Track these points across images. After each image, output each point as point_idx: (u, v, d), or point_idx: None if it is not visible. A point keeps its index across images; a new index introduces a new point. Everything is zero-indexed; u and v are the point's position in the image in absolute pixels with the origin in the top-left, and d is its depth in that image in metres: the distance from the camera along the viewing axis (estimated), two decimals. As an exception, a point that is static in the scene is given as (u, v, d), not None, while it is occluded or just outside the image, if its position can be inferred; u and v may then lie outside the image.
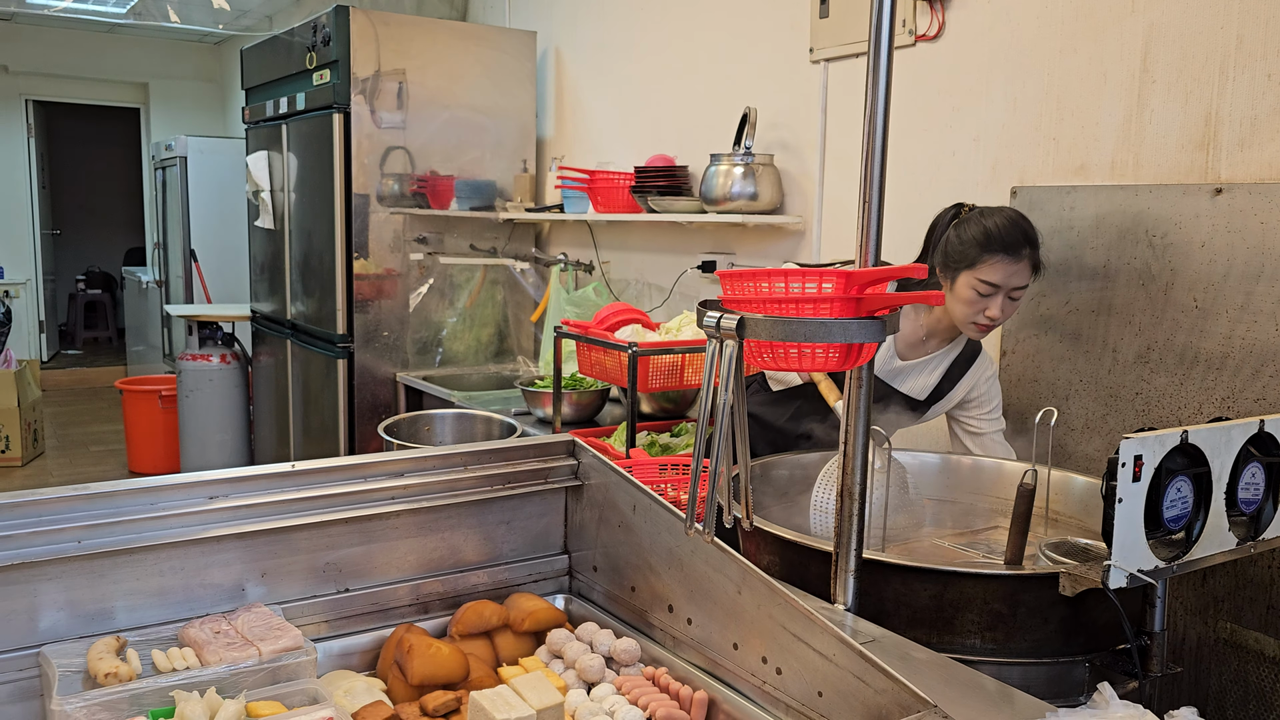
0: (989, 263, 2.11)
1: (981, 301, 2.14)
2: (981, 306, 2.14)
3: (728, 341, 1.25)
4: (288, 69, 4.52)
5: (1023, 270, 2.13)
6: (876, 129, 1.39)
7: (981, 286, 2.12)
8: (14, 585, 1.27)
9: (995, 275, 2.11)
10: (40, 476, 6.39)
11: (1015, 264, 2.11)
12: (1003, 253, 2.10)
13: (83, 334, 11.19)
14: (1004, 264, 2.10)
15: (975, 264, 2.12)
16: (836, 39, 2.97)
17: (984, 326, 2.19)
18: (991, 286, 2.12)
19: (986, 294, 2.12)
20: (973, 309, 2.16)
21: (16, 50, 8.81)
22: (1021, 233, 2.12)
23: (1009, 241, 2.10)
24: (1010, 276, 2.11)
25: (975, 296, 2.14)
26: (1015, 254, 2.10)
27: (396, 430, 2.42)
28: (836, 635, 1.19)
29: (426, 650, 1.35)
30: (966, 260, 2.13)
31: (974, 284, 2.12)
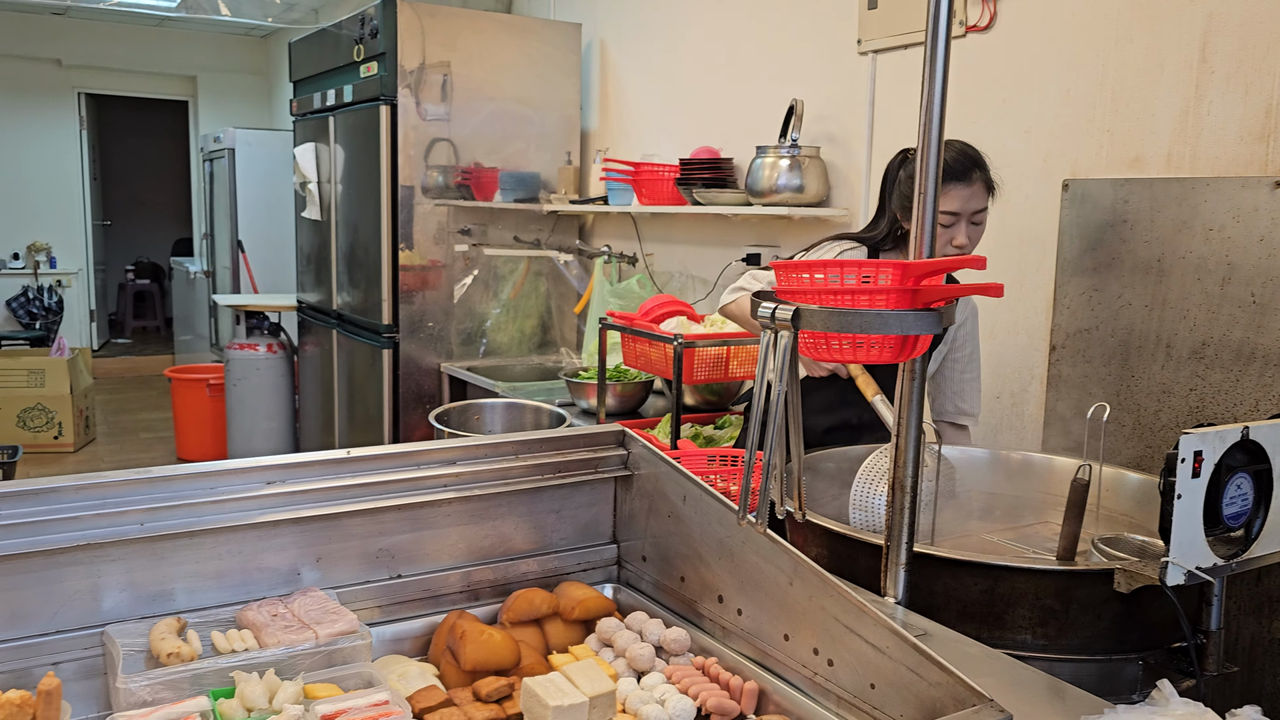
0: (945, 193, 2.18)
1: (946, 232, 2.21)
2: (947, 237, 2.22)
3: (782, 332, 1.25)
4: (335, 61, 4.56)
5: (978, 193, 2.21)
6: (933, 120, 1.37)
7: (943, 217, 2.19)
8: (79, 566, 1.30)
9: (953, 204, 2.18)
10: (92, 463, 6.52)
11: (969, 188, 2.19)
12: (955, 180, 2.18)
13: (132, 323, 11.40)
14: (959, 191, 2.18)
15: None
16: (885, 30, 2.95)
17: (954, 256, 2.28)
18: (952, 215, 2.19)
19: (949, 224, 2.20)
20: (940, 241, 2.21)
21: (69, 44, 8.99)
22: (970, 159, 2.21)
23: (959, 169, 2.19)
24: (968, 201, 2.19)
25: (939, 229, 2.19)
26: (967, 179, 2.18)
27: (447, 419, 2.44)
28: (890, 627, 1.19)
29: (479, 636, 1.37)
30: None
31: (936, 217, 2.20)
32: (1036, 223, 2.54)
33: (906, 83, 2.90)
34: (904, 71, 2.91)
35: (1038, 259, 2.53)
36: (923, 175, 1.40)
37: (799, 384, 1.29)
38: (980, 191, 2.20)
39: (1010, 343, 2.63)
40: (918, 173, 1.41)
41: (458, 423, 2.47)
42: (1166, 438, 2.24)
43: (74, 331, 9.41)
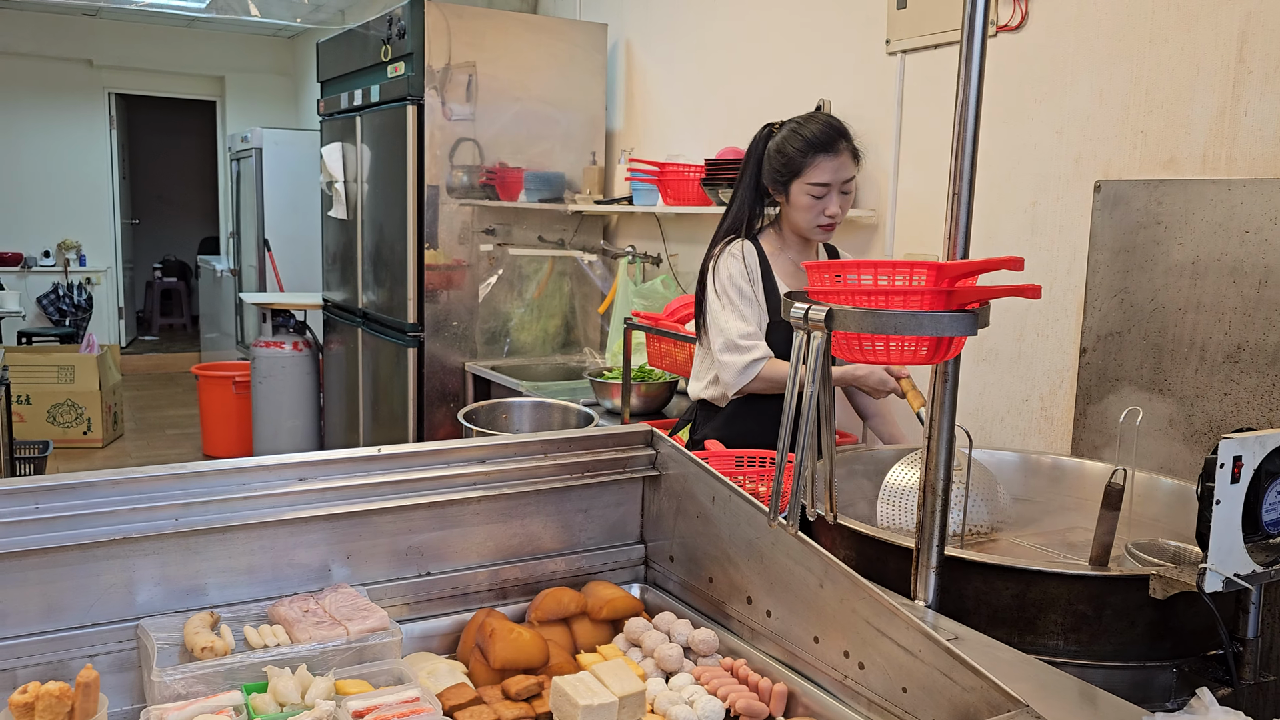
0: (813, 165, 2.30)
1: (819, 204, 2.33)
2: (820, 208, 2.34)
3: (815, 333, 1.25)
4: (363, 62, 4.59)
5: (845, 162, 2.33)
6: (968, 121, 1.36)
7: (815, 189, 2.32)
8: (115, 559, 1.31)
9: (824, 175, 2.31)
10: (120, 458, 6.59)
11: (837, 158, 2.31)
12: (823, 152, 2.30)
13: (159, 320, 11.51)
14: (827, 161, 2.30)
15: (802, 170, 2.31)
16: (914, 30, 2.93)
17: (827, 226, 2.38)
18: (823, 186, 2.32)
19: (821, 195, 2.32)
20: (812, 212, 2.35)
21: (99, 44, 9.09)
22: (835, 130, 2.33)
23: (825, 140, 2.31)
24: (837, 171, 2.32)
25: (811, 201, 2.34)
26: (834, 149, 2.31)
27: (475, 418, 2.45)
28: (923, 631, 1.18)
29: (508, 635, 1.37)
30: (793, 170, 2.33)
31: (807, 189, 2.33)
32: (1068, 224, 2.51)
33: (935, 83, 2.89)
34: (933, 72, 2.90)
35: (1069, 261, 2.51)
36: (957, 176, 1.39)
37: (832, 385, 1.28)
38: (848, 161, 2.33)
39: (1039, 345, 2.61)
40: (951, 174, 1.40)
41: (485, 421, 2.48)
42: (1200, 442, 2.21)
43: (102, 328, 9.51)
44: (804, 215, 2.35)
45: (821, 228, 2.36)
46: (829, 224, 2.36)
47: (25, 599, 1.27)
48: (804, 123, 2.34)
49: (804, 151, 2.30)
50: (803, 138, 2.31)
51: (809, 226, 2.36)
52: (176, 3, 7.23)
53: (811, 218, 2.35)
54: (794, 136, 2.33)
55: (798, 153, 2.31)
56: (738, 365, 2.34)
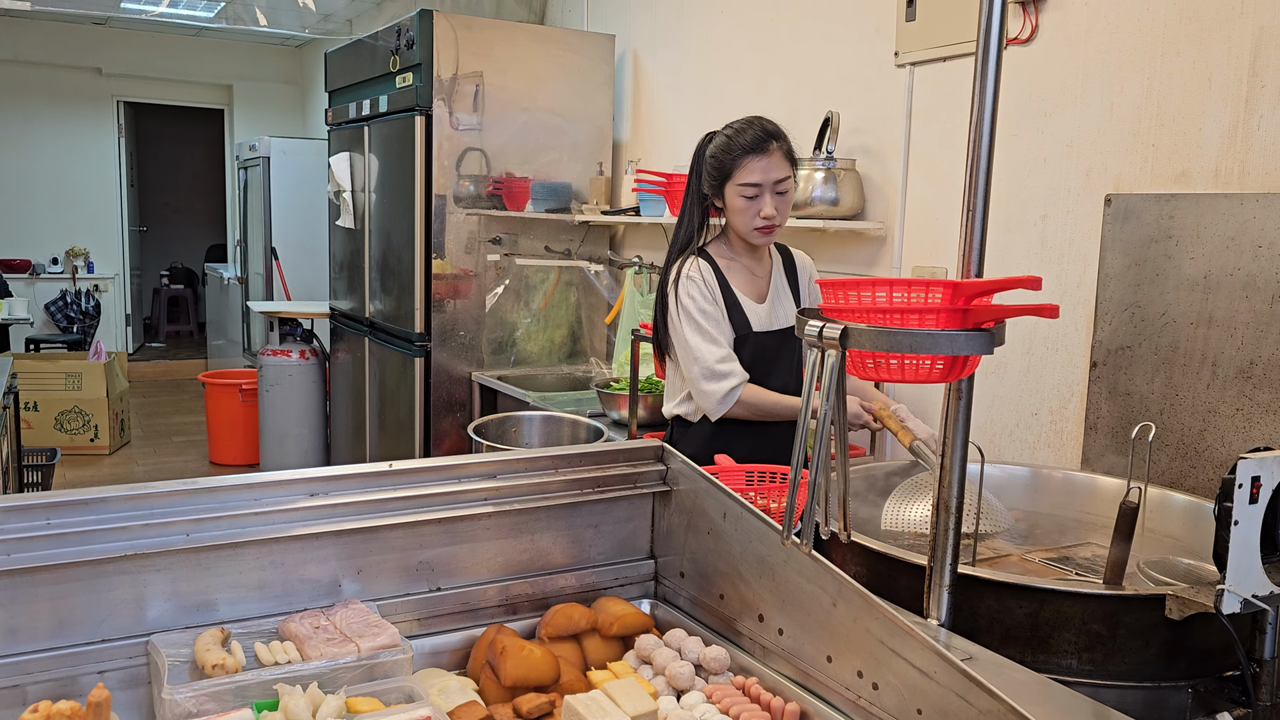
0: (743, 165, 2.27)
1: (752, 205, 2.29)
2: (755, 209, 2.29)
3: (829, 351, 1.24)
4: (371, 72, 4.60)
5: (777, 163, 2.28)
6: (983, 135, 1.36)
7: (747, 190, 2.28)
8: (125, 575, 1.31)
9: (753, 175, 2.27)
10: (126, 465, 6.59)
11: (766, 158, 2.27)
12: (751, 153, 2.26)
13: (166, 327, 11.53)
14: (756, 162, 2.26)
15: (732, 172, 2.28)
16: (923, 42, 2.93)
17: (765, 229, 2.32)
18: (754, 187, 2.27)
19: (753, 195, 2.28)
20: (748, 214, 2.30)
21: (109, 53, 9.12)
22: (765, 131, 2.29)
23: (753, 143, 2.27)
24: (767, 171, 2.27)
25: (745, 202, 2.29)
26: (763, 150, 2.26)
27: (484, 431, 2.44)
28: (937, 651, 1.17)
29: (519, 652, 1.36)
30: (724, 172, 2.30)
31: (739, 190, 2.29)
32: (1078, 238, 2.51)
33: (944, 95, 2.88)
34: (942, 84, 2.89)
35: (1078, 274, 2.50)
36: (972, 191, 1.38)
37: (846, 403, 1.28)
38: (780, 161, 2.28)
39: (1049, 359, 2.60)
40: (965, 189, 1.39)
41: (495, 435, 2.47)
42: (1211, 458, 2.20)
43: (110, 335, 9.53)
44: (740, 218, 2.31)
45: (759, 230, 2.31)
46: (766, 226, 2.30)
47: (36, 614, 1.27)
48: (738, 127, 2.31)
49: (732, 153, 2.27)
50: (730, 140, 2.29)
51: (746, 229, 2.32)
52: (186, 12, 7.26)
53: (748, 220, 2.30)
54: (724, 140, 2.31)
55: (726, 155, 2.29)
56: (718, 394, 2.29)
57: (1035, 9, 2.58)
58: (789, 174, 2.31)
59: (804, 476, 1.27)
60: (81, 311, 9.30)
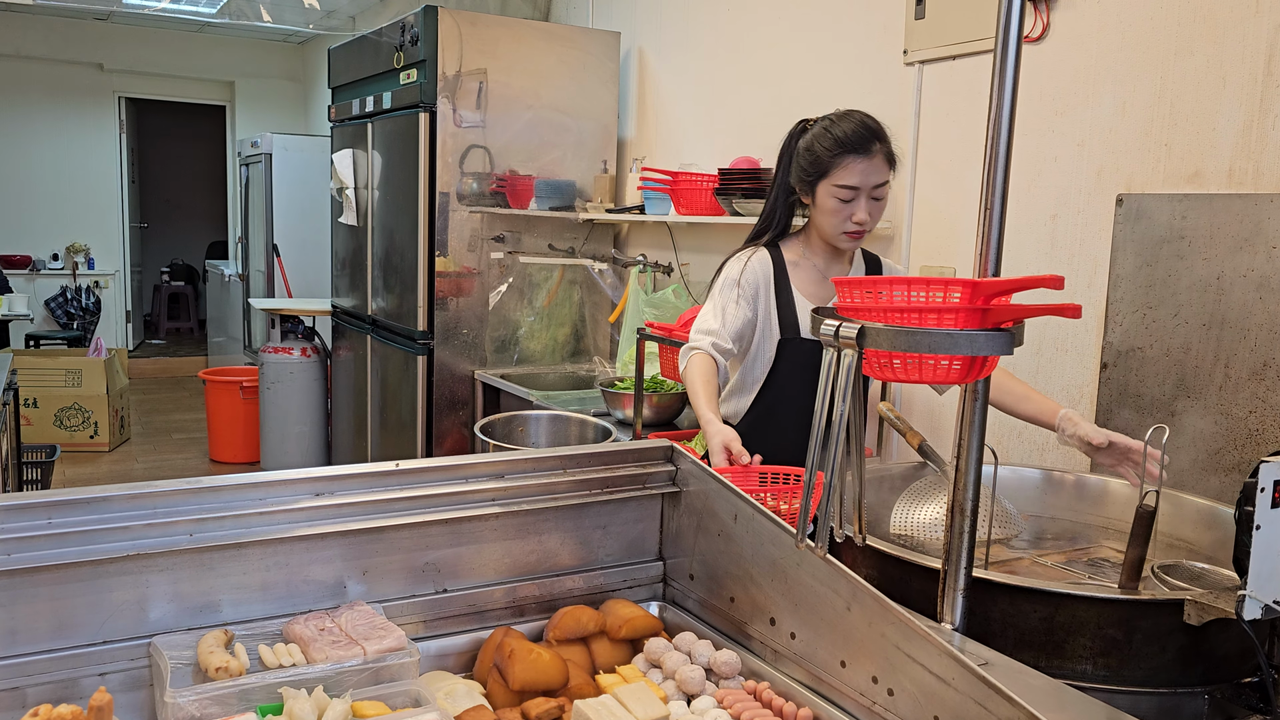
0: (843, 166, 2.13)
1: (846, 208, 2.16)
2: (847, 213, 2.16)
3: (846, 351, 1.22)
4: (375, 68, 4.57)
5: (878, 167, 2.15)
6: (1001, 132, 1.34)
7: (842, 193, 2.14)
8: (128, 576, 1.29)
9: (852, 177, 2.13)
10: (126, 462, 6.57)
11: (868, 161, 2.13)
12: (854, 153, 2.12)
13: (166, 324, 11.51)
14: (858, 164, 2.12)
15: (829, 171, 2.14)
16: (933, 40, 2.90)
17: (854, 234, 2.20)
18: (851, 190, 2.14)
19: (848, 199, 2.15)
20: (839, 217, 2.17)
21: (111, 49, 9.10)
22: (870, 130, 2.14)
23: (857, 141, 2.12)
24: (867, 175, 2.13)
25: (838, 205, 2.16)
26: (866, 151, 2.12)
27: (491, 430, 2.42)
28: (955, 657, 1.15)
29: (528, 656, 1.34)
30: (821, 170, 2.15)
31: (834, 192, 2.15)
32: (1089, 238, 2.48)
33: (953, 94, 2.86)
34: (951, 83, 2.87)
35: (1089, 275, 2.48)
36: (989, 191, 1.36)
37: (862, 404, 1.26)
38: (881, 164, 2.15)
39: (1058, 360, 2.58)
40: (983, 188, 1.37)
41: (502, 434, 2.45)
42: (1224, 460, 2.18)
43: (110, 332, 9.50)
44: (829, 220, 2.18)
45: (848, 234, 2.19)
46: (856, 231, 2.18)
47: (36, 615, 1.25)
48: (837, 120, 2.16)
49: (833, 151, 2.12)
50: (833, 136, 2.13)
51: (834, 233, 2.20)
52: (188, 8, 7.23)
53: (837, 223, 2.18)
54: (824, 134, 2.15)
55: (826, 152, 2.13)
56: (683, 350, 2.24)
57: (1047, 7, 2.56)
58: (888, 178, 2.17)
59: (818, 478, 1.25)
60: (82, 308, 9.28)
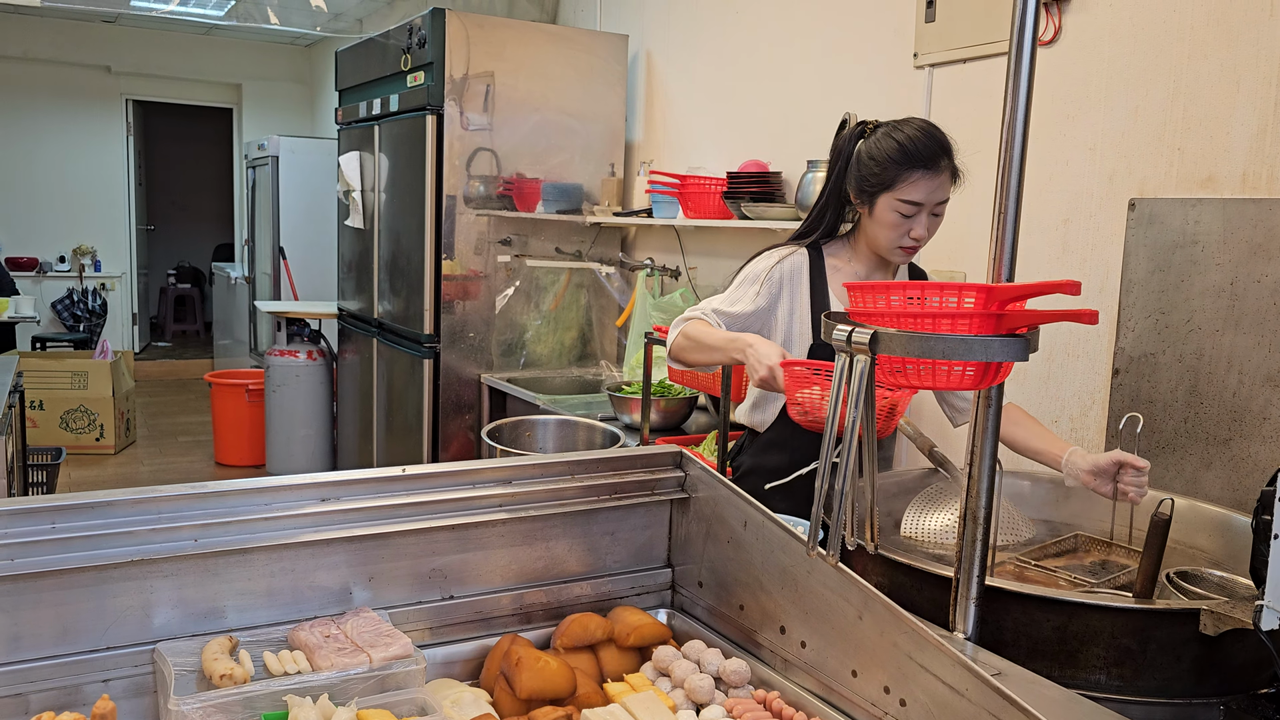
0: (909, 180, 1.98)
1: (905, 223, 2.02)
2: (905, 228, 2.03)
3: (858, 357, 1.20)
4: (382, 71, 4.57)
5: (944, 184, 2.01)
6: (1015, 135, 1.32)
7: (904, 207, 2.00)
8: (131, 581, 1.27)
9: (917, 193, 1.99)
10: (131, 465, 6.57)
11: (936, 178, 1.99)
12: (922, 168, 1.97)
13: (172, 326, 11.52)
14: (925, 180, 1.98)
15: (894, 184, 1.99)
16: (943, 44, 2.89)
17: (910, 249, 2.08)
18: (914, 205, 2.00)
19: (910, 214, 2.01)
20: (896, 232, 2.04)
21: (118, 51, 9.12)
22: (938, 144, 1.99)
23: (927, 154, 1.97)
24: (933, 192, 2.00)
25: (898, 219, 2.02)
26: (935, 167, 1.98)
27: (498, 435, 2.40)
28: (968, 667, 1.13)
29: (535, 664, 1.32)
30: (884, 181, 2.00)
31: (896, 205, 2.01)
32: (1100, 243, 2.47)
33: (964, 97, 2.84)
34: (962, 86, 2.85)
35: (1100, 280, 2.46)
36: (1003, 195, 1.34)
37: (874, 410, 1.24)
38: (946, 181, 2.02)
39: (1069, 365, 2.56)
40: (996, 191, 1.36)
41: (509, 439, 2.44)
42: (1237, 468, 2.16)
43: (116, 334, 9.52)
44: (886, 234, 2.04)
45: (903, 249, 2.07)
46: (912, 247, 2.06)
47: (39, 621, 1.24)
48: (910, 134, 2.00)
49: (901, 163, 1.97)
50: (902, 146, 1.98)
51: (889, 247, 2.06)
52: (196, 11, 7.24)
53: (894, 238, 2.04)
54: (890, 143, 1.99)
55: (893, 163, 1.98)
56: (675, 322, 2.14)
57: (1059, 10, 2.54)
58: (950, 196, 2.05)
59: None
60: (88, 310, 9.29)
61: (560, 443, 2.56)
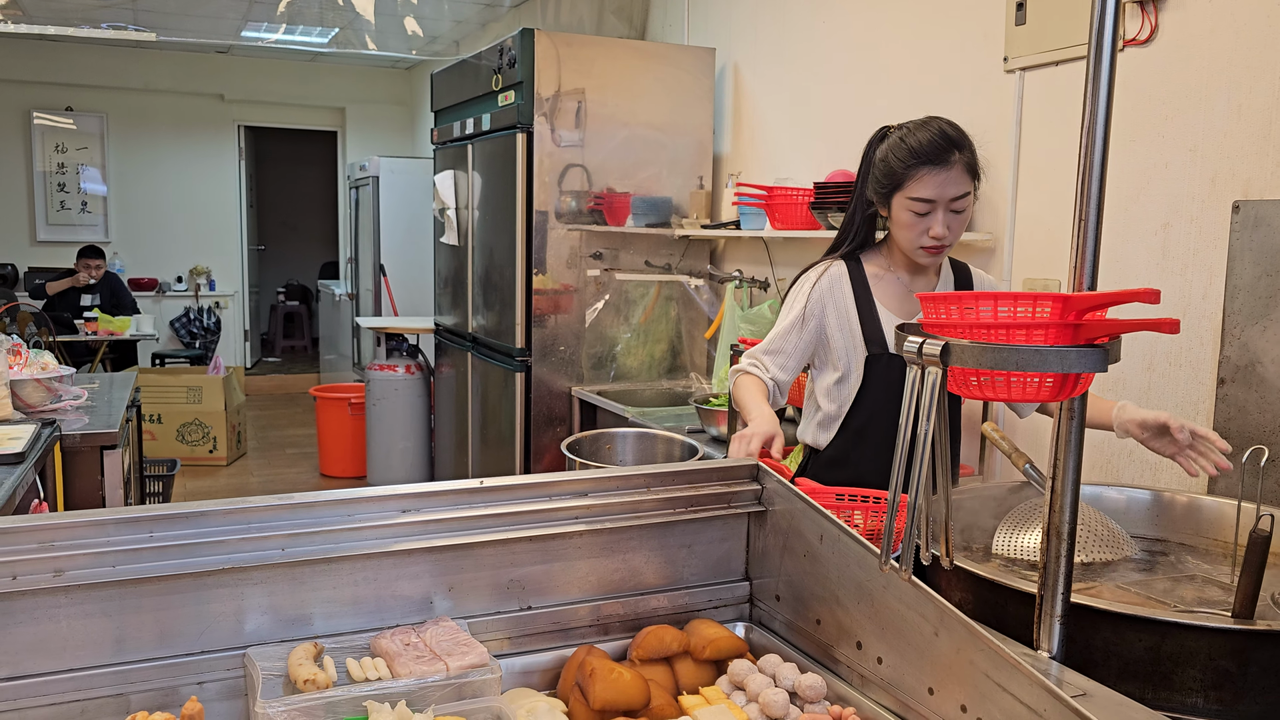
0: (916, 178, 2.00)
1: (921, 222, 2.03)
2: (923, 227, 2.03)
3: (930, 368, 1.18)
4: (475, 91, 4.68)
5: (955, 177, 2.00)
6: (1095, 141, 1.28)
7: (916, 205, 2.02)
8: (225, 588, 1.33)
9: (927, 190, 2.00)
10: (242, 476, 6.84)
11: (945, 172, 1.99)
12: (928, 164, 1.98)
13: (281, 343, 11.96)
14: (932, 176, 1.99)
15: (904, 183, 2.02)
16: (1034, 47, 2.82)
17: (933, 249, 2.07)
18: (926, 203, 2.01)
19: (924, 212, 2.02)
20: (914, 231, 2.05)
21: (230, 80, 9.55)
22: (948, 139, 2.00)
23: (932, 152, 1.99)
24: (943, 187, 1.99)
25: (913, 218, 2.03)
26: (943, 162, 1.98)
27: (578, 448, 2.43)
28: (1047, 688, 1.10)
29: (609, 675, 1.34)
30: (895, 182, 2.03)
31: (907, 204, 2.03)
32: (1202, 248, 2.37)
33: (1057, 102, 2.77)
34: (1054, 90, 2.78)
35: (1204, 286, 2.36)
36: (1084, 201, 1.30)
37: (947, 422, 1.22)
38: (960, 175, 2.01)
39: (1171, 375, 2.46)
40: (1077, 198, 1.32)
41: (589, 452, 2.46)
42: (1354, 482, 2.04)
43: (229, 350, 9.94)
44: (905, 234, 2.06)
45: (925, 249, 2.06)
46: (934, 246, 2.05)
47: (140, 625, 1.30)
48: (915, 129, 2.04)
49: (907, 161, 2.00)
50: (908, 146, 2.01)
51: (910, 247, 2.08)
52: (301, 39, 7.53)
53: (913, 237, 2.05)
54: (899, 144, 2.03)
55: (900, 162, 2.01)
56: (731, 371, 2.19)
57: (1155, 8, 2.46)
58: (969, 190, 2.03)
59: (903, 500, 1.22)
60: (203, 328, 9.73)
61: (639, 455, 2.58)
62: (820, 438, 2.25)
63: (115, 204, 9.44)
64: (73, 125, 9.22)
